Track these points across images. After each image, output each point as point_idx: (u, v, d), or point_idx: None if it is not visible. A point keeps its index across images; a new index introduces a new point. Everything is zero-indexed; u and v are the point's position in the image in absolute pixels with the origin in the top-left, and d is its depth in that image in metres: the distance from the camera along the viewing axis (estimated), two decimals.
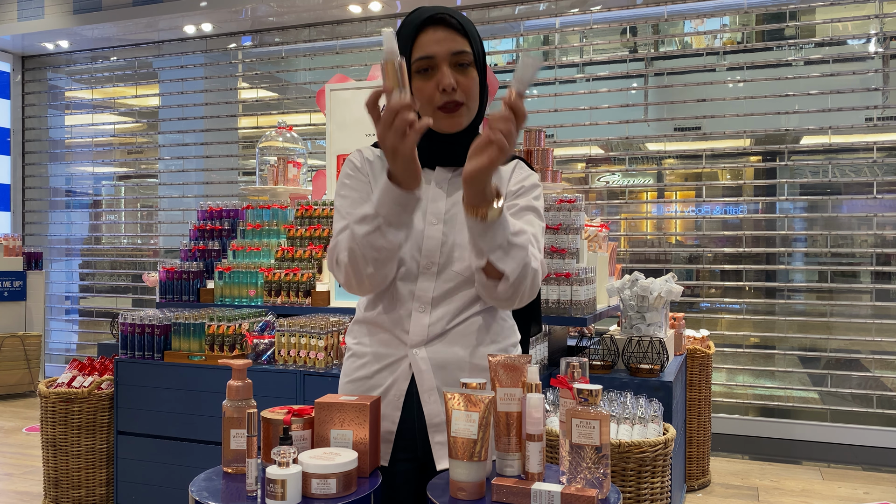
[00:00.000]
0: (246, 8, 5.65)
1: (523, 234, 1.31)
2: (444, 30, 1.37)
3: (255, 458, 1.20)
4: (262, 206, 3.78)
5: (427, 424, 1.39)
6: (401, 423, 1.40)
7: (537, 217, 1.46)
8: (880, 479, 4.13)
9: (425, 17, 1.37)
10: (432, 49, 1.36)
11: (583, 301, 2.87)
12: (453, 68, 1.37)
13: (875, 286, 4.60)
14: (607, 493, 1.17)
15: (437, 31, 1.37)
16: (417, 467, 1.41)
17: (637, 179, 5.43)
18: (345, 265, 1.34)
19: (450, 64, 1.37)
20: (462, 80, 1.38)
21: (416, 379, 1.39)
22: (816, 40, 4.75)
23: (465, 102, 1.39)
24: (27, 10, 6.40)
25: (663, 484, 2.37)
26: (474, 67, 1.40)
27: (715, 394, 4.73)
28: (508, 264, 1.28)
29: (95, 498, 3.43)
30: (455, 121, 1.40)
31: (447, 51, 1.36)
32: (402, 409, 1.40)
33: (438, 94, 1.37)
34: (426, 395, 1.38)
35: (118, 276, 6.88)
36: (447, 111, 1.38)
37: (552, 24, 5.31)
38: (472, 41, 1.40)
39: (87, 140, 6.99)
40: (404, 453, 1.40)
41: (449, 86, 1.36)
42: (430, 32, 1.37)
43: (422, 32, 1.37)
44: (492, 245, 1.26)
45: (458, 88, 1.37)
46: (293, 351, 2.99)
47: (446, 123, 1.40)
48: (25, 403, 5.92)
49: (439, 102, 1.37)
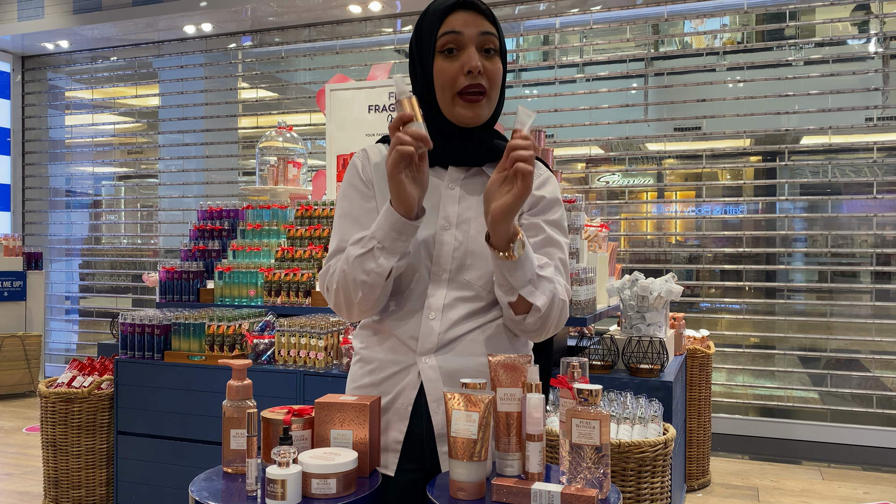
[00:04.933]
0: (246, 8, 5.65)
1: (548, 266, 1.30)
2: (474, 13, 1.33)
3: (255, 458, 1.20)
4: (262, 206, 3.78)
5: (435, 434, 1.34)
6: (408, 432, 1.35)
7: (560, 233, 1.40)
8: (880, 479, 4.13)
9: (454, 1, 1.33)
10: (461, 27, 1.32)
11: (583, 301, 2.87)
12: (480, 52, 1.32)
13: (875, 286, 4.60)
14: (607, 493, 1.17)
15: (467, 13, 1.32)
16: (424, 477, 1.35)
17: (637, 179, 5.43)
18: (334, 290, 1.34)
19: (477, 47, 1.32)
20: (488, 66, 1.33)
21: (425, 388, 1.33)
22: (816, 40, 4.75)
23: (488, 92, 1.34)
24: (27, 10, 6.40)
25: (663, 484, 2.37)
26: (499, 57, 1.36)
27: (715, 394, 4.73)
28: (539, 298, 1.27)
29: (95, 498, 3.43)
30: (475, 111, 1.34)
31: (476, 31, 1.31)
32: (409, 418, 1.35)
33: (462, 77, 1.31)
34: (435, 404, 1.33)
35: (118, 276, 6.88)
36: (468, 99, 1.33)
37: (552, 24, 5.31)
38: (499, 31, 1.36)
39: (87, 140, 6.99)
40: (411, 463, 1.35)
41: (476, 68, 1.30)
42: (459, 14, 1.32)
43: (450, 14, 1.33)
44: (522, 281, 1.25)
45: (483, 73, 1.32)
46: (293, 351, 2.99)
47: (466, 113, 1.34)
48: (25, 403, 5.92)
49: (462, 85, 1.32)
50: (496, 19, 1.36)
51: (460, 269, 1.35)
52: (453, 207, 1.37)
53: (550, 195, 1.40)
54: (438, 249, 1.35)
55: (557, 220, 1.40)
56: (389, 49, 5.83)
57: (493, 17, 1.35)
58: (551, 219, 1.39)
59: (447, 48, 1.33)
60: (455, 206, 1.37)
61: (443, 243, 1.35)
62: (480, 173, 1.41)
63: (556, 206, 1.41)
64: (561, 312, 1.32)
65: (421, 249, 1.35)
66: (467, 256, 1.35)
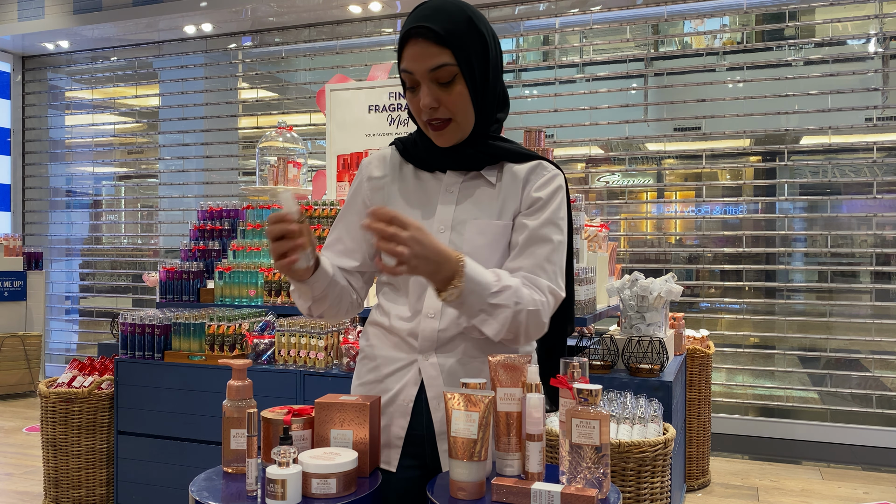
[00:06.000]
0: (246, 8, 5.65)
1: (507, 290, 1.26)
2: (424, 43, 1.29)
3: (255, 458, 1.20)
4: (262, 206, 3.78)
5: (435, 432, 1.36)
6: (409, 429, 1.38)
7: (554, 230, 1.37)
8: (880, 479, 4.13)
9: (407, 29, 1.30)
10: (411, 66, 1.31)
11: (583, 301, 2.87)
12: (435, 84, 1.31)
13: (875, 286, 4.60)
14: (607, 493, 1.18)
15: (417, 44, 1.29)
16: (425, 474, 1.39)
17: (637, 179, 5.43)
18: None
19: (430, 80, 1.31)
20: (444, 97, 1.31)
21: (426, 385, 1.37)
22: (816, 40, 4.75)
23: (453, 118, 1.34)
24: (27, 10, 6.40)
25: (663, 484, 2.37)
26: (461, 79, 1.31)
27: (715, 394, 4.73)
28: (491, 327, 1.28)
29: (95, 498, 3.43)
30: (444, 138, 1.37)
31: (424, 69, 1.29)
32: (410, 415, 1.38)
33: (424, 111, 1.34)
34: (435, 401, 1.36)
35: (118, 276, 6.88)
36: (434, 128, 1.35)
37: (552, 24, 5.31)
38: (460, 50, 1.29)
39: (87, 140, 6.99)
40: (412, 459, 1.39)
41: (426, 106, 1.31)
42: (411, 46, 1.30)
43: (406, 46, 1.32)
44: (471, 312, 1.26)
45: (441, 105, 1.32)
46: (293, 351, 2.99)
47: (437, 139, 1.37)
48: (25, 403, 5.92)
49: (425, 118, 1.34)
50: (454, 38, 1.29)
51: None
52: (449, 211, 1.39)
53: (548, 195, 1.39)
54: None
55: (550, 218, 1.37)
56: (389, 49, 5.83)
57: (449, 37, 1.29)
58: (544, 216, 1.37)
59: (407, 85, 1.35)
60: (451, 210, 1.39)
61: None
62: (478, 177, 1.41)
63: (552, 204, 1.38)
64: (528, 324, 1.29)
65: None
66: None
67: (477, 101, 1.34)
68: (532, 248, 1.36)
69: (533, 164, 1.41)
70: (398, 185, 1.45)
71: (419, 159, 1.43)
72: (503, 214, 1.39)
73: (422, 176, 1.44)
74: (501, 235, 1.38)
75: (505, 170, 1.41)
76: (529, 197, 1.39)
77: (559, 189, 1.40)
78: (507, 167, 1.41)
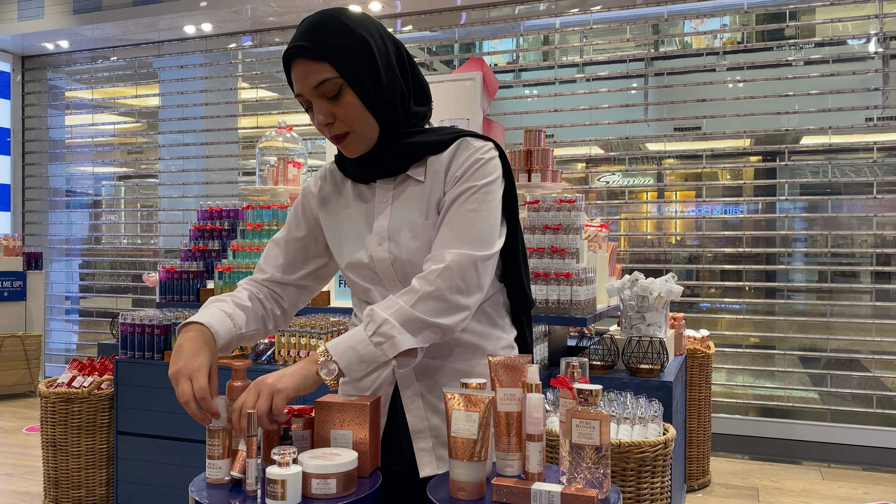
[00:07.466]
0: (246, 8, 5.65)
1: (379, 316, 1.24)
2: (303, 62, 1.28)
3: (255, 458, 1.20)
4: (262, 206, 3.78)
5: (410, 430, 1.39)
6: (387, 426, 1.41)
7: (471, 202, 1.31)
8: (880, 479, 4.13)
9: (286, 52, 1.30)
10: (298, 86, 1.31)
11: (583, 301, 2.87)
12: (324, 100, 1.30)
13: (875, 286, 4.60)
14: (607, 493, 1.17)
15: (298, 64, 1.29)
16: (406, 471, 1.41)
17: (637, 179, 5.43)
18: None
19: (318, 97, 1.30)
20: (336, 111, 1.31)
21: (399, 385, 1.39)
22: (816, 40, 4.75)
23: (350, 130, 1.32)
24: (27, 10, 6.40)
25: (663, 484, 2.37)
26: (348, 89, 1.29)
27: (715, 394, 4.73)
28: (423, 336, 1.26)
29: (95, 498, 3.43)
30: (349, 149, 1.36)
31: (309, 87, 1.29)
32: (388, 413, 1.41)
33: (322, 128, 1.35)
34: (408, 401, 1.39)
35: (118, 276, 6.88)
36: (336, 141, 1.35)
37: (552, 24, 5.31)
38: (338, 60, 1.27)
39: (87, 140, 6.99)
40: (394, 457, 1.41)
41: (320, 123, 1.32)
42: (294, 68, 1.30)
43: (291, 69, 1.31)
44: (372, 364, 1.25)
45: (336, 119, 1.32)
46: (293, 351, 2.99)
47: (344, 151, 1.38)
48: (25, 403, 5.92)
49: (326, 135, 1.35)
50: (329, 50, 1.26)
51: (406, 275, 1.36)
52: (384, 221, 1.38)
53: (466, 168, 1.33)
54: (379, 266, 1.37)
55: (466, 188, 1.32)
56: None
57: (326, 48, 1.26)
58: (459, 189, 1.32)
59: (304, 107, 1.36)
60: (386, 220, 1.37)
61: (380, 260, 1.37)
62: (407, 178, 1.39)
63: (470, 173, 1.33)
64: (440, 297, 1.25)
65: (365, 270, 1.40)
66: (406, 265, 1.35)
67: (372, 105, 1.31)
68: (444, 228, 1.32)
69: (454, 146, 1.36)
70: (343, 201, 1.46)
71: (351, 174, 1.44)
72: (430, 212, 1.36)
73: (360, 189, 1.44)
74: (433, 233, 1.35)
75: (429, 163, 1.37)
76: (452, 178, 1.35)
77: (478, 160, 1.34)
78: (430, 160, 1.37)
